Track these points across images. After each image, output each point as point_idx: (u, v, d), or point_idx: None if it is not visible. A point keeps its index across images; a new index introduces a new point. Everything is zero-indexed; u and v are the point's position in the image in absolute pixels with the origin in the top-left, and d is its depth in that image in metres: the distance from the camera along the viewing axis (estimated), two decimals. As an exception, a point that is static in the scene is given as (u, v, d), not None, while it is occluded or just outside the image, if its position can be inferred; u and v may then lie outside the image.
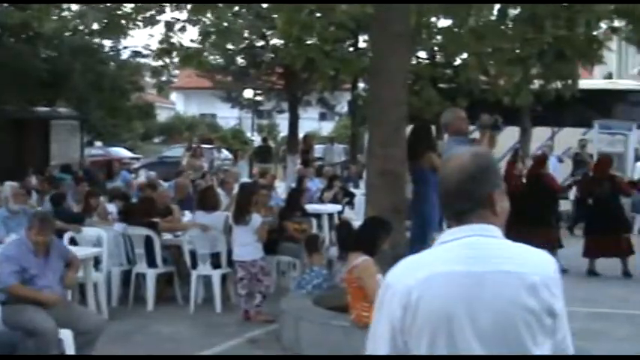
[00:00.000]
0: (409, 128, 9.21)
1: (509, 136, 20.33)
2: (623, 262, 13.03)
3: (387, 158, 8.20)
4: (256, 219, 9.89)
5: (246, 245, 9.78)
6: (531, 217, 13.25)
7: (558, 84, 14.04)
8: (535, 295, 2.44)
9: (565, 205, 16.05)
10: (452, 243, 2.56)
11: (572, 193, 16.99)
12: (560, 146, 21.86)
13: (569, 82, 13.76)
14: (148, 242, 10.51)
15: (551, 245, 13.30)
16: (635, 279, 12.78)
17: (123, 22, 13.20)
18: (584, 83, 21.37)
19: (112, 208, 12.46)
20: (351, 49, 21.68)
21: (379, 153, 7.87)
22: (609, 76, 34.42)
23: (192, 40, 14.20)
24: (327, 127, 48.07)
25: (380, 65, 8.58)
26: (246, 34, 24.15)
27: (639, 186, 15.86)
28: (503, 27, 12.72)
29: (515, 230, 12.68)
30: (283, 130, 37.82)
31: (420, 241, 9.51)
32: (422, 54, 17.61)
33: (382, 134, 8.37)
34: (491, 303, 2.44)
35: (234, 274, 10.11)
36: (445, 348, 2.46)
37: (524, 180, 14.23)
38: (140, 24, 13.77)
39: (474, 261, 2.49)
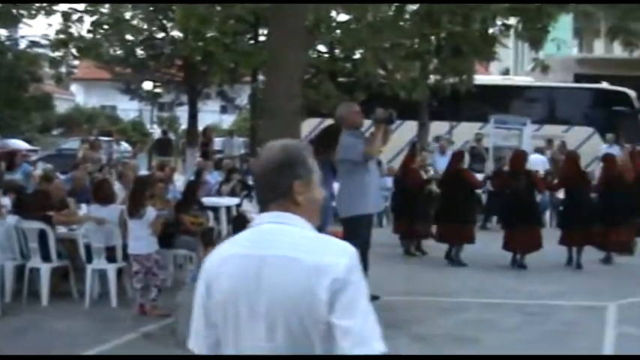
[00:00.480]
0: (310, 122, 9.34)
1: (407, 130, 20.69)
2: (521, 255, 13.38)
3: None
4: (150, 212, 9.82)
5: (141, 239, 9.70)
6: (453, 213, 13.57)
7: (454, 79, 14.28)
8: (315, 281, 2.50)
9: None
10: (253, 229, 2.70)
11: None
12: (458, 140, 22.29)
13: (464, 77, 14.04)
14: (42, 236, 10.31)
15: (471, 240, 13.64)
16: (529, 270, 13.14)
17: (14, 11, 12.90)
18: (481, 79, 21.87)
19: (6, 201, 12.17)
20: (251, 42, 21.64)
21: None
22: (506, 72, 35.17)
23: (89, 31, 14.00)
24: (228, 120, 47.82)
25: (276, 59, 8.61)
26: (145, 26, 23.91)
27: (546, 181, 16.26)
28: (400, 22, 12.88)
29: (442, 226, 13.01)
30: (184, 123, 37.55)
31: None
32: (322, 48, 17.67)
33: (276, 127, 8.39)
34: (269, 286, 2.55)
35: (130, 267, 10.01)
36: (233, 328, 2.62)
37: (423, 173, 14.50)
38: (35, 13, 13.50)
39: (258, 245, 2.62)
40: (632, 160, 15.04)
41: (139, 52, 26.50)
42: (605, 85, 24.65)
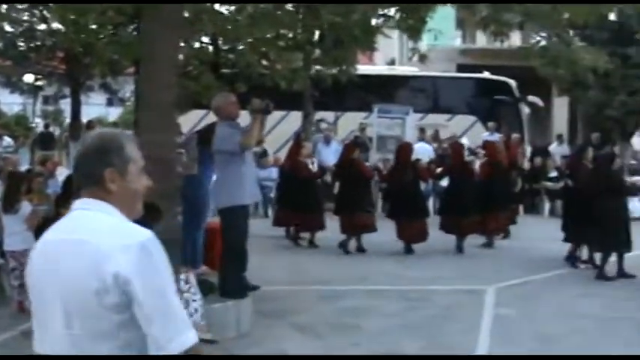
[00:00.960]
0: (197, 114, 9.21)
1: (293, 120, 20.78)
2: (407, 245, 13.58)
3: (157, 143, 8.15)
4: (26, 207, 9.60)
5: (16, 235, 9.47)
6: (348, 203, 13.67)
7: (335, 69, 14.38)
8: (103, 266, 2.48)
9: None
10: (67, 215, 2.70)
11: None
12: (344, 130, 22.49)
13: (345, 67, 14.15)
14: None
15: (371, 228, 13.75)
16: (416, 255, 13.38)
17: None
18: (365, 69, 22.09)
19: None
20: (134, 33, 21.33)
21: (149, 138, 7.80)
22: (392, 63, 35.53)
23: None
24: (114, 113, 47.09)
25: (151, 49, 8.49)
26: (25, 17, 23.34)
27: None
28: (279, 13, 12.89)
29: (342, 217, 13.04)
30: (70, 117, 36.80)
31: (194, 227, 9.56)
32: (205, 39, 17.53)
33: (152, 119, 8.30)
34: (64, 270, 2.55)
35: (7, 264, 9.77)
36: (40, 316, 2.64)
37: (307, 163, 14.57)
38: None
39: (63, 230, 2.64)
40: (507, 148, 15.41)
41: (20, 43, 25.86)
42: (487, 74, 25.16)
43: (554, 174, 18.86)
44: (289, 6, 13.23)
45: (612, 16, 24.63)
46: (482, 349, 8.00)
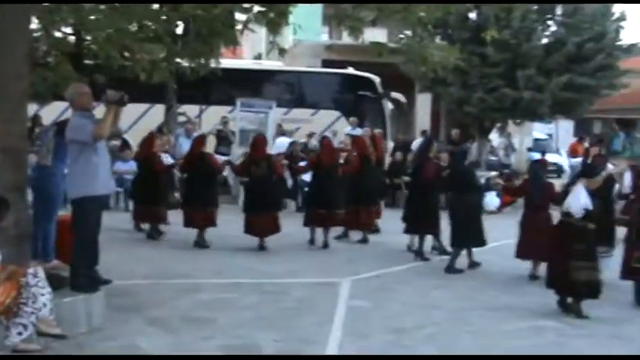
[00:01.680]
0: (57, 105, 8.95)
1: (157, 113, 20.61)
2: (261, 239, 13.61)
3: (8, 134, 7.96)
4: None
5: None
6: (194, 196, 13.59)
7: (196, 62, 14.29)
8: None
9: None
10: None
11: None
12: (208, 124, 22.42)
13: (204, 61, 14.08)
14: None
15: (212, 223, 13.70)
16: (269, 250, 13.46)
17: None
18: (230, 63, 22.03)
19: None
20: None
21: (-1, 129, 7.64)
22: (259, 57, 35.54)
23: None
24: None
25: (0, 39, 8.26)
26: None
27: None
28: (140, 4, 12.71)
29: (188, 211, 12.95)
30: None
31: (45, 219, 9.37)
32: (67, 29, 17.11)
33: (2, 110, 8.08)
34: None
35: None
36: None
37: (160, 156, 14.46)
38: None
39: None
40: (374, 144, 15.59)
41: None
42: (351, 70, 25.47)
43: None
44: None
45: (472, 16, 25.37)
46: (335, 341, 8.11)
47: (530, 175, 12.50)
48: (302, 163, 16.27)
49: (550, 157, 33.57)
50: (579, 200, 9.67)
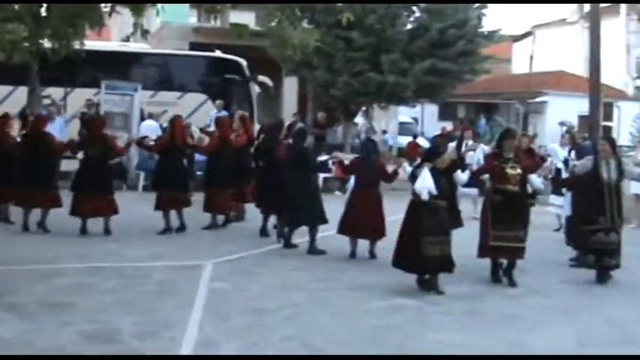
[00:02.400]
0: None
1: (21, 96, 20.17)
2: (105, 221, 13.42)
3: None
4: None
5: None
6: (32, 177, 13.30)
7: (56, 44, 13.98)
8: None
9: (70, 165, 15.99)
10: None
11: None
12: (74, 107, 22.05)
13: (65, 42, 13.81)
14: None
15: (55, 204, 13.44)
16: (131, 235, 13.35)
17: None
18: (95, 45, 21.66)
19: None
20: None
21: None
22: (127, 39, 34.98)
23: None
24: None
25: None
26: None
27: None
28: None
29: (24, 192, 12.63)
30: None
31: None
32: None
33: None
34: None
35: None
36: None
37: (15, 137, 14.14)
38: None
39: None
40: (244, 126, 15.50)
41: None
42: (218, 53, 25.41)
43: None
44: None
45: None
46: (195, 322, 8.15)
47: (362, 154, 12.73)
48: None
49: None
50: (424, 182, 9.99)
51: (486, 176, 11.72)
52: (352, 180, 12.83)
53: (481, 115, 35.49)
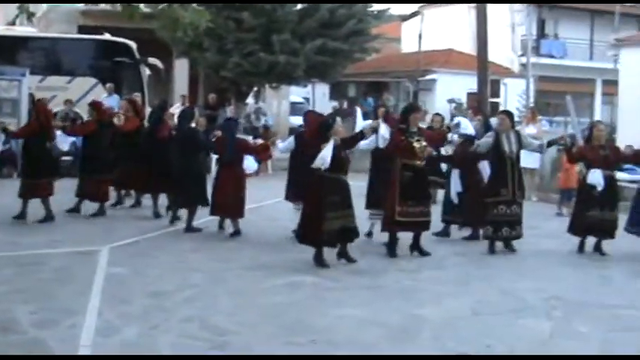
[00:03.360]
0: None
1: None
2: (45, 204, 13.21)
3: None
4: None
5: None
6: None
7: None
8: None
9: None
10: None
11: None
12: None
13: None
14: None
15: None
16: (19, 224, 13.07)
17: None
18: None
19: None
20: None
21: None
22: (13, 23, 34.19)
23: None
24: None
25: None
26: None
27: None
28: None
29: None
30: None
31: None
32: None
33: None
34: None
35: None
36: None
37: None
38: None
39: None
40: (135, 110, 15.29)
41: None
42: (107, 36, 25.06)
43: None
44: None
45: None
46: (94, 308, 8.09)
47: (223, 133, 12.85)
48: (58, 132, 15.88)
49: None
50: (324, 154, 10.15)
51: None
52: (214, 159, 12.96)
53: (367, 96, 35.86)
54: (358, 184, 11.55)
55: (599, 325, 8.06)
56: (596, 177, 11.66)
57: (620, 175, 17.44)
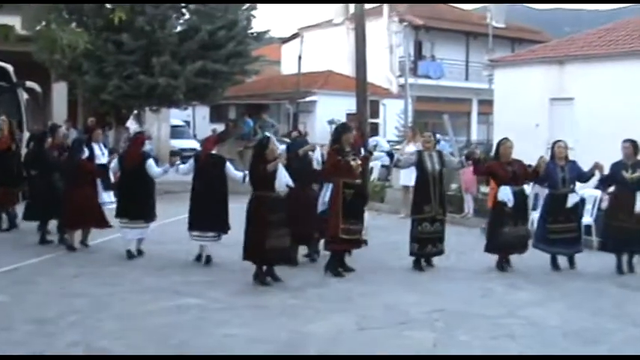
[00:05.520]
0: None
1: None
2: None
3: None
4: None
5: None
6: None
7: None
8: None
9: None
10: None
11: None
12: None
13: None
14: None
15: None
16: None
17: None
18: None
19: None
20: None
21: None
22: None
23: None
24: None
25: None
26: None
27: None
28: None
29: None
30: None
31: None
32: None
33: None
34: None
35: None
36: None
37: None
38: None
39: None
40: (5, 131, 15.19)
41: None
42: (-18, 59, 24.40)
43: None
44: None
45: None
46: (-28, 336, 7.89)
47: (69, 153, 13.27)
48: None
49: (188, 143, 34.46)
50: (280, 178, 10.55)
51: None
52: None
53: (247, 116, 35.93)
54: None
55: (480, 333, 8.33)
56: (506, 193, 12.02)
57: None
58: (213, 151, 12.32)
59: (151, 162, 12.42)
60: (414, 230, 12.03)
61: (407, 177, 17.26)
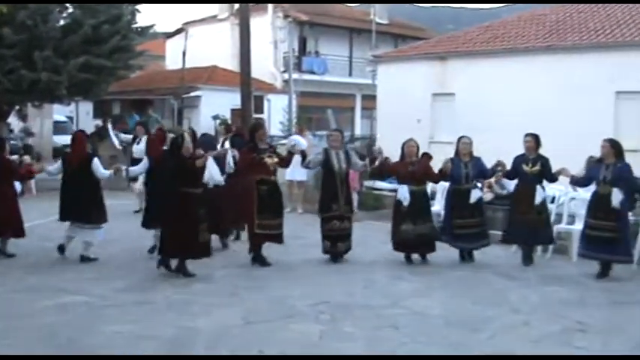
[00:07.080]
0: None
1: None
2: None
3: None
4: None
5: None
6: None
7: None
8: None
9: None
10: None
11: None
12: None
13: None
14: None
15: None
16: None
17: None
18: None
19: None
20: None
21: None
22: None
23: None
24: None
25: None
26: None
27: None
28: None
29: None
30: None
31: None
32: None
33: None
34: None
35: None
36: None
37: None
38: None
39: None
40: None
41: None
42: None
43: None
44: None
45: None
46: None
47: None
48: None
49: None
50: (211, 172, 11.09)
51: None
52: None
53: (132, 112, 35.59)
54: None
55: (365, 324, 8.58)
56: (402, 192, 12.34)
57: (381, 184, 18.53)
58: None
59: (97, 162, 12.12)
60: (324, 229, 12.37)
61: (292, 172, 17.53)
